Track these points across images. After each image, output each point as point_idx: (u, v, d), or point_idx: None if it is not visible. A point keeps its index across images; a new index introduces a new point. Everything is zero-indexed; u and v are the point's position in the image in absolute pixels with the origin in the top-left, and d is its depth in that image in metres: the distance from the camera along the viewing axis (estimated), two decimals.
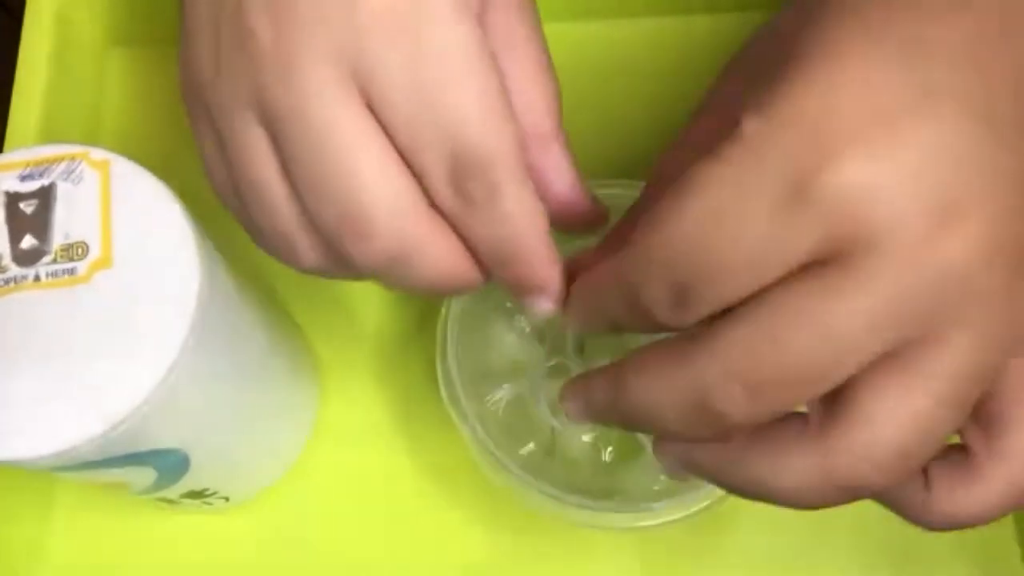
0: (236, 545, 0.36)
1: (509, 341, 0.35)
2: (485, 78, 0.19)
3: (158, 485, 0.29)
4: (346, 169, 0.19)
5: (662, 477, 0.33)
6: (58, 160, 0.26)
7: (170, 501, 0.32)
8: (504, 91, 0.20)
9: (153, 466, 0.27)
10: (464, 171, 0.19)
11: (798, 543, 0.36)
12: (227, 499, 0.34)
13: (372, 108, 0.19)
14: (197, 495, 0.32)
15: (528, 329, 0.36)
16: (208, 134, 0.22)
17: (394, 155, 0.19)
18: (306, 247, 0.21)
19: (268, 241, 0.22)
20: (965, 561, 0.36)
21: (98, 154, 0.26)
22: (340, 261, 0.21)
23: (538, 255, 0.21)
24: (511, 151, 0.20)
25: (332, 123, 0.19)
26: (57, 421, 0.23)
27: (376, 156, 0.19)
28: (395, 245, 0.20)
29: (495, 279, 0.22)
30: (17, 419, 0.23)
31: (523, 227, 0.20)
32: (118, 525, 0.37)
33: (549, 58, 0.23)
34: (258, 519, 0.36)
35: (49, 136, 0.38)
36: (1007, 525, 0.36)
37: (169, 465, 0.28)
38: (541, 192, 0.22)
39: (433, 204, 0.20)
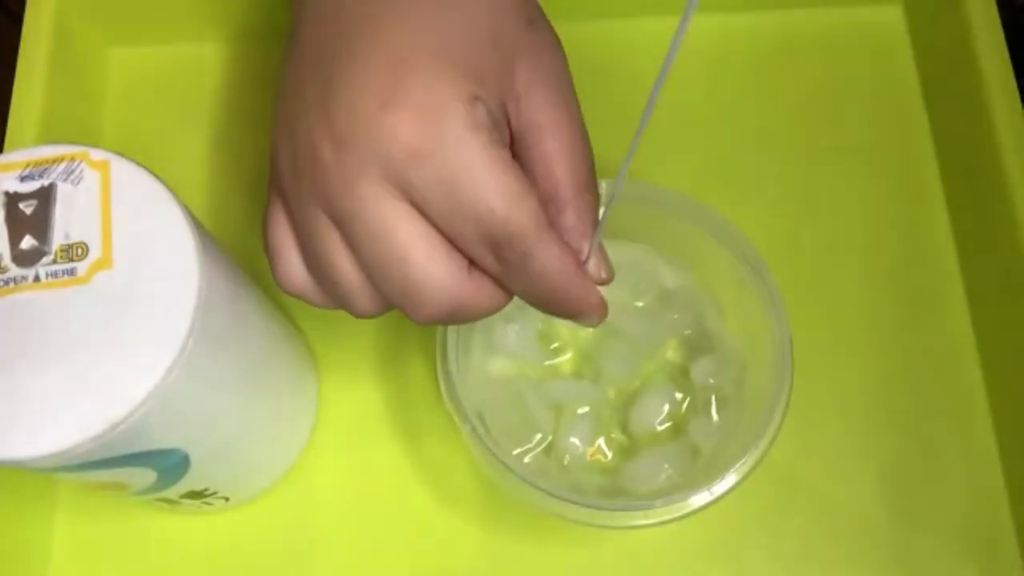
0: (236, 546, 0.36)
1: (509, 342, 0.35)
2: (498, 171, 0.23)
3: (158, 485, 0.29)
4: (400, 256, 0.24)
5: (662, 477, 0.33)
6: (58, 160, 0.26)
7: (170, 501, 0.32)
8: (518, 172, 0.24)
9: (153, 466, 0.27)
10: (498, 245, 0.24)
11: (798, 543, 0.36)
12: (227, 499, 0.34)
13: (416, 207, 0.24)
14: (197, 495, 0.32)
15: (527, 331, 0.36)
16: (282, 216, 0.26)
17: (438, 239, 0.24)
18: (365, 303, 0.26)
19: (331, 296, 0.27)
20: (965, 561, 0.36)
21: (98, 154, 0.26)
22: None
23: (573, 293, 0.25)
24: (532, 220, 0.24)
25: (386, 223, 0.24)
26: (57, 421, 0.23)
27: (423, 244, 0.24)
28: (445, 309, 0.25)
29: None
30: (17, 419, 0.23)
31: (555, 276, 0.25)
32: (118, 525, 0.37)
33: (575, 131, 0.26)
34: (258, 519, 0.36)
35: (49, 136, 0.38)
36: (1007, 525, 0.36)
37: (169, 465, 0.28)
38: None
39: (476, 265, 0.25)
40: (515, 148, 0.26)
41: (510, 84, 0.25)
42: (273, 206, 0.27)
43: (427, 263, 0.24)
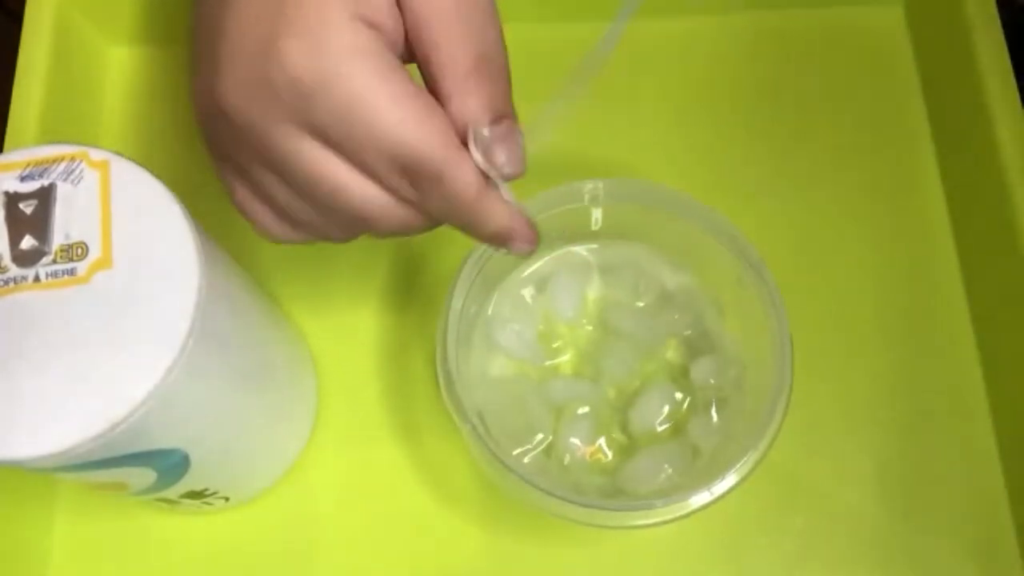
0: (236, 546, 0.36)
1: (509, 342, 0.35)
2: (394, 93, 0.23)
3: (158, 485, 0.29)
4: (334, 190, 0.24)
5: (662, 477, 0.33)
6: (58, 160, 0.26)
7: (170, 501, 0.32)
8: (414, 91, 0.24)
9: (153, 466, 0.27)
10: (409, 170, 0.24)
11: (798, 543, 0.36)
12: (227, 499, 0.34)
13: (325, 143, 0.24)
14: (197, 495, 0.32)
15: (527, 331, 0.36)
16: (234, 179, 0.27)
17: (358, 170, 0.24)
18: (337, 234, 0.27)
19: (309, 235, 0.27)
20: (965, 561, 0.36)
21: (98, 154, 0.26)
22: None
23: (492, 214, 0.25)
24: (438, 139, 0.24)
25: (307, 163, 0.24)
26: (57, 421, 0.23)
27: (349, 175, 0.24)
28: (397, 225, 0.26)
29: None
30: (17, 419, 0.23)
31: (471, 197, 0.24)
32: (118, 525, 0.37)
33: (459, 16, 0.25)
34: (258, 519, 0.36)
35: (49, 136, 0.38)
36: (1007, 525, 0.36)
37: (169, 465, 0.28)
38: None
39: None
40: (410, 50, 0.25)
41: None
42: (223, 172, 0.27)
43: (362, 190, 0.24)
